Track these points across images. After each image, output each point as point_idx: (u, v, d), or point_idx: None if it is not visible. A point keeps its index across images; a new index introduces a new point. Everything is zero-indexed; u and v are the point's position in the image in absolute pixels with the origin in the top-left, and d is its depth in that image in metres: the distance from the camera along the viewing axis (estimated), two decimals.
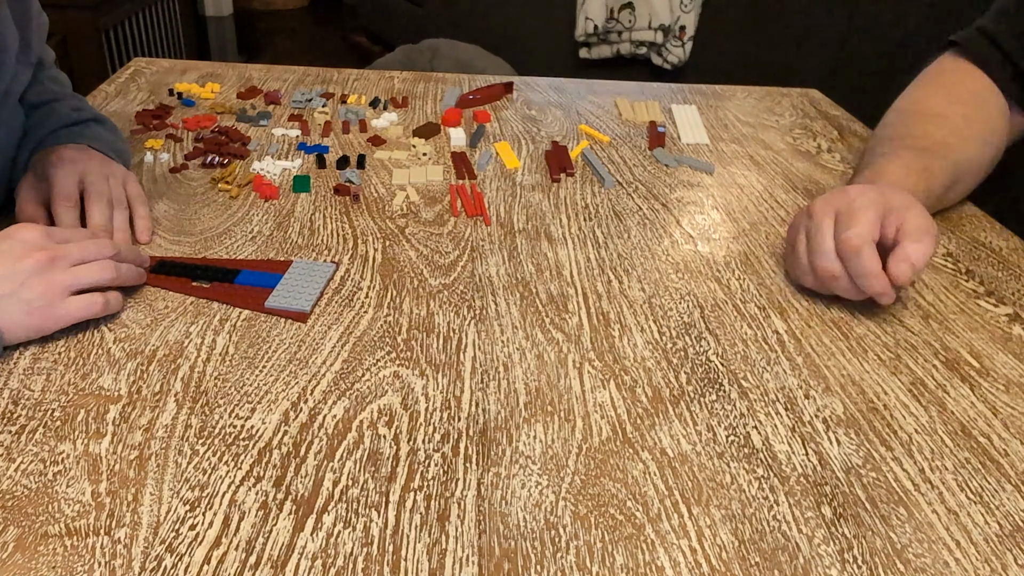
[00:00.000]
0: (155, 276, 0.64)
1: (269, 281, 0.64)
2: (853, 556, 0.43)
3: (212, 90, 1.02)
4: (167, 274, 0.64)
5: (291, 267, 0.66)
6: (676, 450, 0.50)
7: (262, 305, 0.61)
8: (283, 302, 0.61)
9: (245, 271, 0.65)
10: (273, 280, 0.64)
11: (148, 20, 2.60)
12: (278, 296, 0.62)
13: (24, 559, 0.40)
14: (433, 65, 1.93)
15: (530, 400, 0.53)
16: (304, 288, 0.63)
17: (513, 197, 0.80)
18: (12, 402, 0.50)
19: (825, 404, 0.55)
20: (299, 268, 0.65)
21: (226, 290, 0.63)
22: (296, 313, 0.60)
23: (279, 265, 0.66)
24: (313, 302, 0.62)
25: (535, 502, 0.46)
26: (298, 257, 0.68)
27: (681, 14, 2.38)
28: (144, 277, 0.62)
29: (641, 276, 0.68)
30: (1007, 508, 0.47)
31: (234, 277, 0.64)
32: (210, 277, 0.64)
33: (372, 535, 0.43)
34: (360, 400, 0.52)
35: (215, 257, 0.67)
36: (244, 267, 0.65)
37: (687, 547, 0.43)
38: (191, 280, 0.63)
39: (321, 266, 0.66)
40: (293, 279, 0.64)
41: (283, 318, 0.60)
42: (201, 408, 0.51)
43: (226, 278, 0.64)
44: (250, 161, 0.85)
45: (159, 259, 0.66)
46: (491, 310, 0.62)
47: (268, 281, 0.64)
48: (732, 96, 1.13)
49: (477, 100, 1.04)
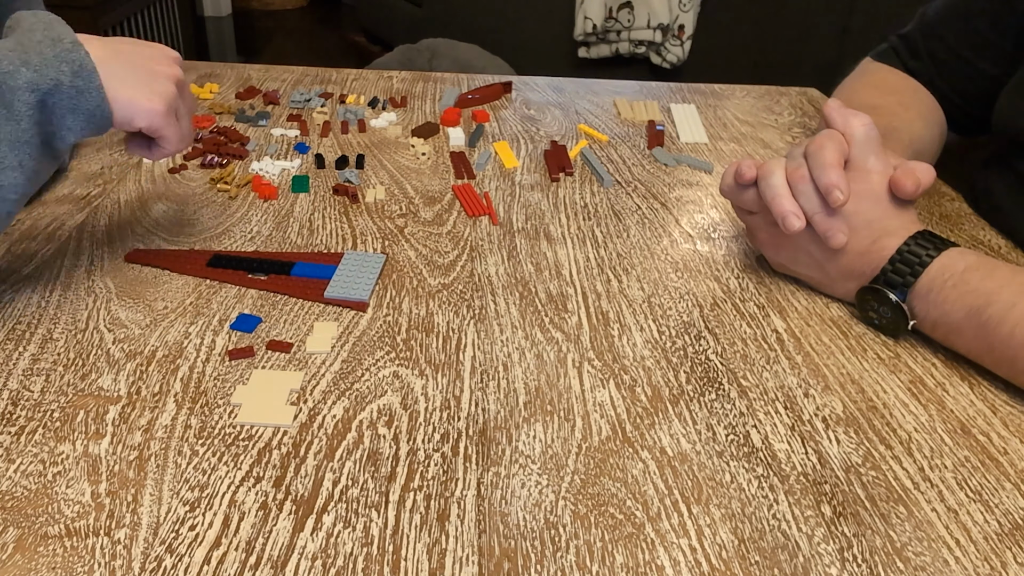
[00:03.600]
0: (211, 270, 0.65)
1: (325, 272, 0.65)
2: (853, 555, 0.43)
3: (211, 90, 1.02)
4: (224, 267, 0.65)
5: (344, 258, 0.67)
6: (676, 449, 0.50)
7: (321, 295, 0.62)
8: (341, 292, 0.63)
9: (300, 263, 0.66)
10: (328, 271, 0.65)
11: (147, 20, 2.60)
12: (336, 286, 0.63)
13: (24, 560, 0.40)
14: (432, 65, 1.93)
15: (530, 400, 0.53)
16: (360, 278, 0.64)
17: (512, 197, 0.80)
18: (11, 403, 0.50)
19: (824, 403, 0.55)
20: (352, 259, 0.67)
21: (284, 282, 0.64)
22: (355, 303, 0.62)
23: (331, 257, 0.68)
24: (370, 291, 0.63)
25: (535, 502, 0.46)
26: (350, 250, 0.69)
27: (680, 13, 2.38)
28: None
29: (640, 275, 0.68)
30: (1006, 506, 0.47)
31: (290, 269, 0.65)
32: (266, 270, 0.65)
33: (372, 535, 0.43)
34: (360, 400, 0.52)
35: (266, 251, 0.69)
36: (297, 259, 0.67)
37: (687, 546, 0.43)
38: (247, 273, 0.65)
39: (373, 257, 0.68)
40: (348, 270, 0.65)
41: (343, 307, 0.62)
42: (201, 408, 0.51)
43: (282, 270, 0.65)
44: (249, 161, 0.85)
45: (214, 253, 0.67)
46: (490, 310, 0.63)
47: (324, 272, 0.65)
48: (731, 95, 1.13)
49: (476, 100, 1.04)
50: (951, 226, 0.79)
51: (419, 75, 1.14)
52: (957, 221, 0.81)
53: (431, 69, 1.90)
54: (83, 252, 0.67)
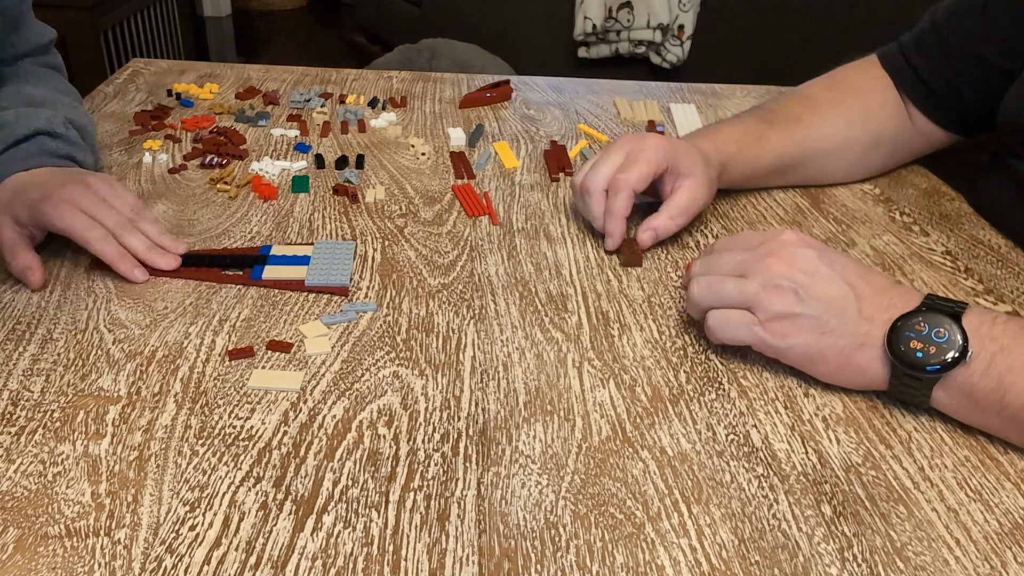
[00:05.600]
0: (186, 270, 0.64)
1: (300, 261, 0.66)
2: (853, 554, 0.43)
3: (210, 90, 1.02)
4: (196, 266, 0.65)
5: (315, 247, 0.68)
6: (676, 449, 0.50)
7: (302, 284, 0.63)
8: (321, 279, 0.63)
9: (273, 255, 0.66)
10: (303, 260, 0.66)
11: (147, 21, 2.60)
12: (314, 274, 0.64)
13: (24, 560, 0.40)
14: (431, 65, 1.93)
15: (530, 399, 0.53)
16: (336, 265, 0.65)
17: (512, 196, 0.80)
18: (11, 403, 0.50)
19: (825, 402, 0.55)
20: (323, 248, 0.67)
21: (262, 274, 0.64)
22: (337, 288, 0.63)
23: (301, 248, 0.68)
24: (349, 277, 0.64)
25: (535, 501, 0.46)
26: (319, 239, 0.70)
27: (680, 13, 2.38)
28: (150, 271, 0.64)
29: (640, 275, 0.68)
30: (1006, 506, 0.47)
31: (265, 260, 0.65)
32: (240, 264, 0.65)
33: (372, 535, 0.43)
34: (360, 400, 0.52)
35: (234, 247, 0.69)
36: (258, 252, 0.67)
37: (687, 546, 0.43)
38: (221, 269, 0.65)
39: (343, 244, 0.69)
40: (322, 257, 0.66)
41: (324, 293, 0.63)
42: (201, 408, 0.51)
43: (256, 263, 0.65)
44: (249, 161, 0.85)
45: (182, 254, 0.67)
46: (490, 310, 0.62)
47: (299, 261, 0.66)
48: (731, 95, 1.13)
49: (492, 99, 1.04)
50: (951, 226, 0.79)
51: (419, 75, 1.14)
52: (957, 221, 0.81)
53: (431, 69, 1.90)
54: (83, 252, 0.67)
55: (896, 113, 0.85)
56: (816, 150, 0.82)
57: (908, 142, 0.86)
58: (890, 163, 0.88)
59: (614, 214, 0.68)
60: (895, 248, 0.75)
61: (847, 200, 0.83)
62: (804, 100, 0.84)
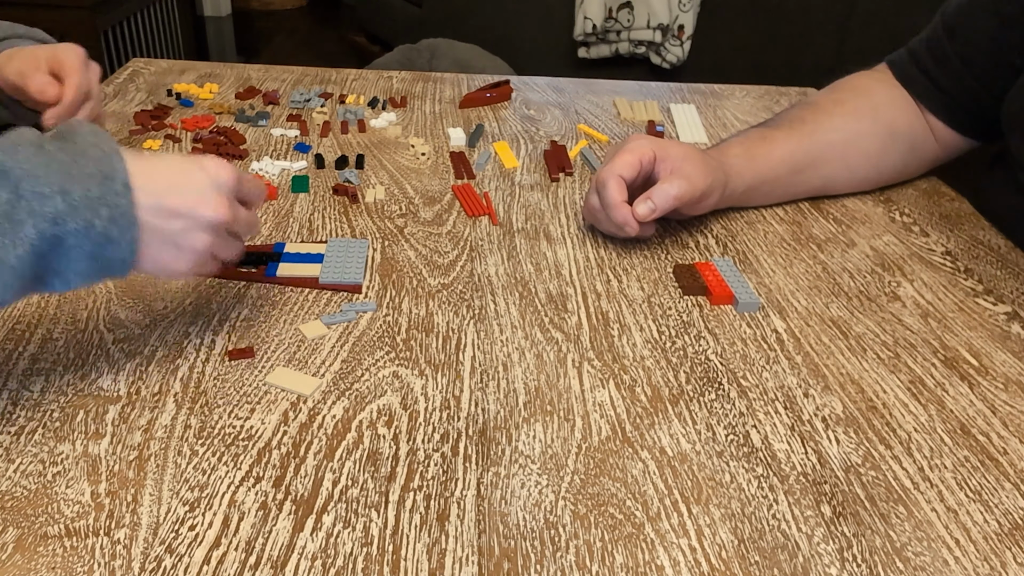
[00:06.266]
0: None
1: (314, 259, 0.66)
2: (852, 555, 0.43)
3: (210, 90, 1.02)
4: None
5: (329, 245, 0.68)
6: (675, 449, 0.50)
7: (316, 281, 0.63)
8: (335, 277, 0.63)
9: (287, 252, 0.67)
10: (317, 258, 0.66)
11: (146, 20, 2.60)
12: (328, 272, 0.64)
13: (24, 560, 0.40)
14: (432, 65, 1.93)
15: (529, 400, 0.53)
16: (349, 262, 0.65)
17: (512, 197, 0.80)
18: (11, 403, 0.50)
19: (824, 403, 0.55)
20: (336, 245, 0.68)
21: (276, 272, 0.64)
22: (350, 286, 0.63)
23: (315, 246, 0.68)
24: (362, 274, 0.64)
25: (535, 501, 0.46)
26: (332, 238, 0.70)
27: (680, 13, 2.38)
28: None
29: (640, 275, 0.68)
30: (1006, 506, 0.47)
31: (279, 258, 0.66)
32: (254, 262, 0.65)
33: (372, 535, 0.43)
34: (359, 400, 0.52)
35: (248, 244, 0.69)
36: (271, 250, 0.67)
37: (687, 546, 0.43)
38: (236, 266, 0.65)
39: (356, 242, 0.69)
40: (335, 255, 0.66)
41: (336, 291, 0.63)
42: (200, 408, 0.51)
43: (271, 260, 0.65)
44: (249, 161, 0.85)
45: None
46: (490, 310, 0.62)
47: (313, 259, 0.66)
48: (731, 95, 1.13)
49: (492, 99, 1.04)
50: (951, 226, 0.80)
51: (419, 75, 1.14)
52: (957, 221, 0.81)
53: (431, 69, 1.90)
54: None
55: (907, 108, 0.83)
56: (828, 143, 0.80)
57: (925, 141, 0.84)
58: (911, 162, 0.85)
59: (610, 204, 0.68)
60: (895, 248, 0.75)
61: (847, 200, 0.83)
62: (807, 105, 0.84)
